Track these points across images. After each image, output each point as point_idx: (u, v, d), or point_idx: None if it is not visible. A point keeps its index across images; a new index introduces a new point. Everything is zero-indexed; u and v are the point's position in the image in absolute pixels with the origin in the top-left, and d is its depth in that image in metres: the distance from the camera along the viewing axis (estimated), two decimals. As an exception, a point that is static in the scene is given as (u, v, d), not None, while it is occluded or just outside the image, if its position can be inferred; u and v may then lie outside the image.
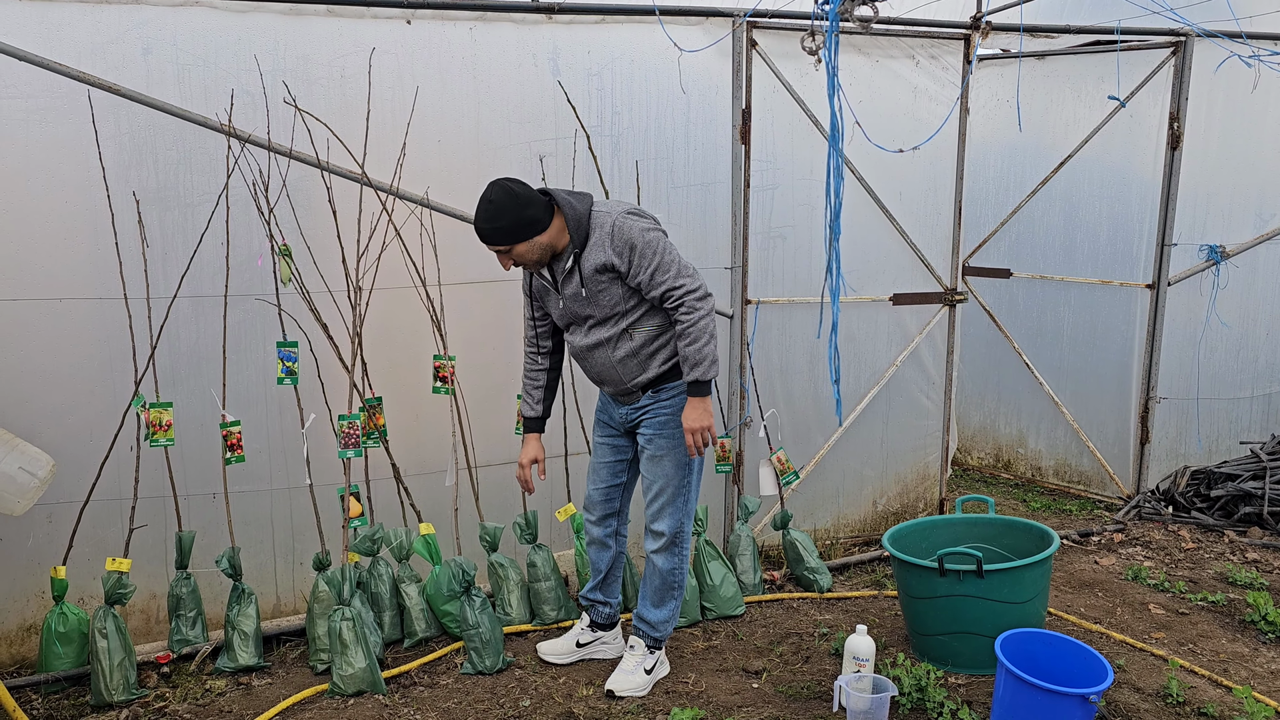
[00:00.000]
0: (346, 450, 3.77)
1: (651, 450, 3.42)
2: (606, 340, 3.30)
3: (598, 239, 3.20)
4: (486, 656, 3.65)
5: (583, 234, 3.21)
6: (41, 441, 3.49)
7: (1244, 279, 5.46)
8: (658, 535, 3.48)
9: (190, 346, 3.79)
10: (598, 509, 3.63)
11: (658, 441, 3.40)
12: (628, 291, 3.26)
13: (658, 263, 3.18)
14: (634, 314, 3.29)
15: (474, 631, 3.66)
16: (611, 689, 3.47)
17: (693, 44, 4.20)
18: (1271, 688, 3.52)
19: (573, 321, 3.37)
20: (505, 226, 3.13)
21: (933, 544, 3.93)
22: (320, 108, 3.76)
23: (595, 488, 3.63)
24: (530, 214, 3.14)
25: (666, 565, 3.51)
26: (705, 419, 3.25)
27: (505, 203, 3.12)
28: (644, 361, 3.33)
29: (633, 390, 3.38)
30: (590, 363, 3.40)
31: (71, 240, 3.60)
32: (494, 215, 3.13)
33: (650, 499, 3.47)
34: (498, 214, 3.13)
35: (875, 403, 4.89)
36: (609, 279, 3.23)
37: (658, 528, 3.47)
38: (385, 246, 3.89)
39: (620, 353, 3.31)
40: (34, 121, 3.49)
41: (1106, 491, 5.66)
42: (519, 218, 3.13)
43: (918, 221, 4.81)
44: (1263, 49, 4.95)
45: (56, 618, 3.55)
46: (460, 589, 3.70)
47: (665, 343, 3.34)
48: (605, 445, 3.59)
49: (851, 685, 3.24)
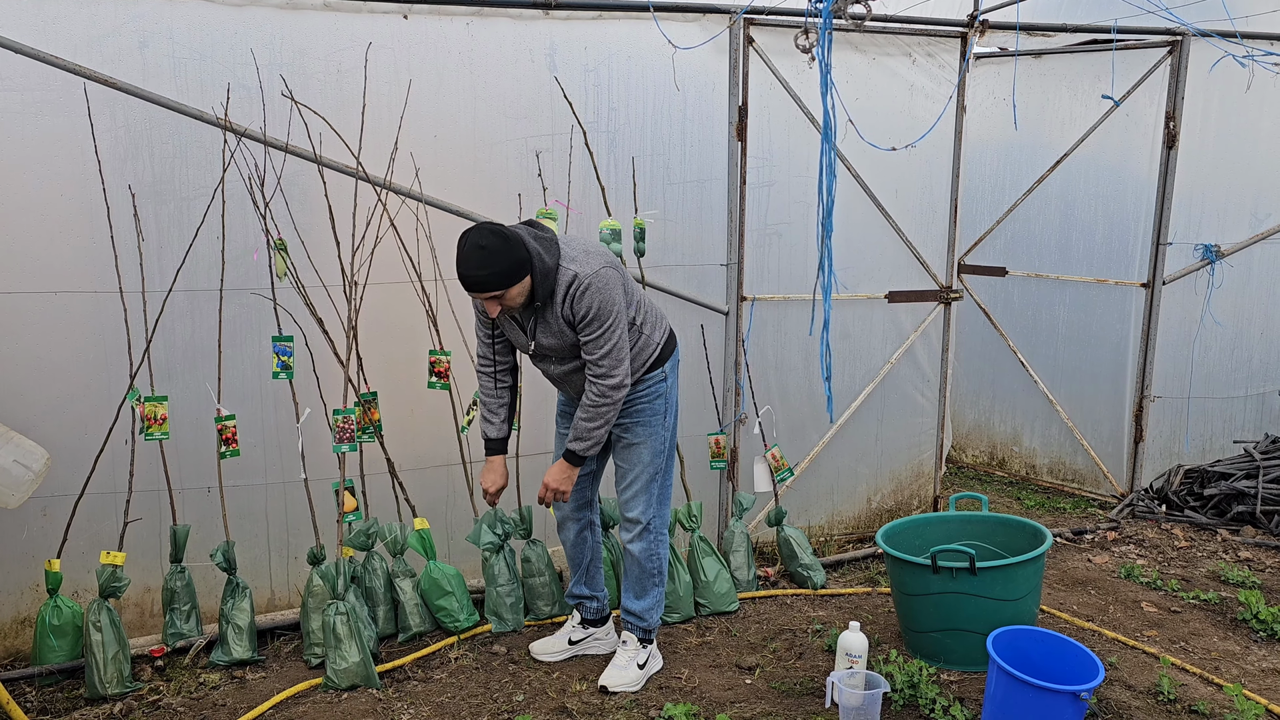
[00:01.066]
0: (341, 445, 3.78)
1: (628, 439, 3.43)
2: (579, 369, 3.31)
3: (560, 297, 3.14)
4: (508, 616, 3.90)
5: (547, 288, 3.12)
6: (37, 435, 3.49)
7: (1239, 278, 5.47)
8: (632, 523, 3.49)
9: (186, 340, 3.79)
10: (570, 501, 3.61)
11: (634, 430, 3.42)
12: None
13: (598, 336, 3.16)
14: None
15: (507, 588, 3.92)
16: (605, 684, 3.48)
17: (689, 40, 4.20)
18: (1262, 686, 3.53)
19: (543, 356, 3.36)
20: (502, 270, 3.00)
21: (926, 541, 3.94)
22: (317, 102, 3.76)
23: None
24: (520, 255, 3.03)
25: (643, 552, 3.51)
26: (565, 484, 3.37)
27: (498, 247, 2.99)
28: None
29: None
30: (565, 385, 3.46)
31: (67, 233, 3.59)
32: (487, 261, 2.98)
33: (624, 487, 3.48)
34: (490, 259, 2.98)
35: (870, 400, 4.90)
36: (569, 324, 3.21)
37: (631, 515, 3.48)
38: (379, 241, 3.89)
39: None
40: (30, 114, 3.49)
41: (1101, 490, 5.68)
42: (513, 260, 3.01)
43: (913, 219, 4.81)
44: (1258, 49, 4.96)
45: (51, 611, 3.55)
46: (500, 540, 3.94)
47: (635, 352, 3.33)
48: None
49: (845, 682, 3.25)
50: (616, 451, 3.50)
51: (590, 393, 3.23)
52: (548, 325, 3.22)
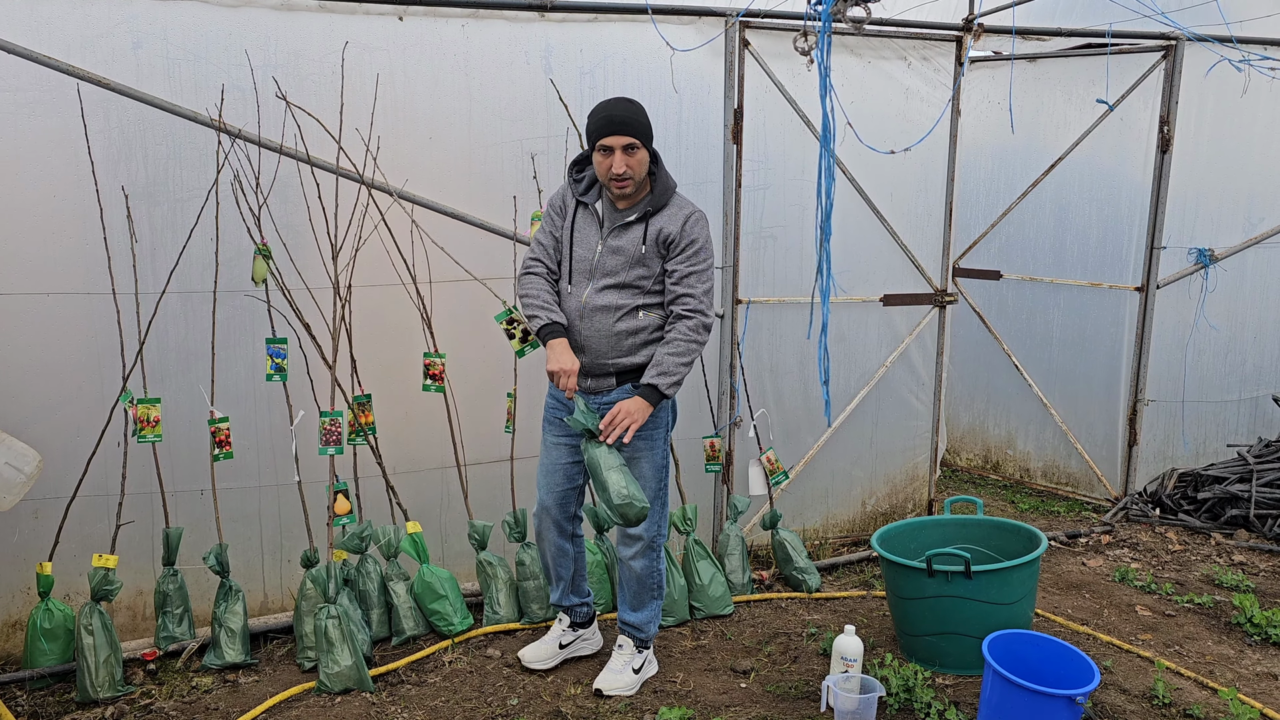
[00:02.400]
0: (327, 447, 3.76)
1: (629, 452, 3.32)
2: (615, 307, 3.24)
3: (674, 214, 3.25)
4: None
5: (663, 200, 3.26)
6: (28, 437, 3.47)
7: (1232, 282, 5.48)
8: (634, 539, 3.43)
9: (179, 342, 3.77)
10: (553, 513, 3.50)
11: (635, 444, 3.31)
12: (659, 275, 3.27)
13: (702, 270, 3.25)
14: (652, 298, 3.29)
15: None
16: (600, 688, 3.47)
17: (685, 43, 4.19)
18: (1257, 689, 3.54)
19: (594, 273, 3.27)
20: (646, 123, 3.19)
21: (921, 545, 3.94)
22: (311, 104, 3.75)
23: (550, 493, 3.48)
24: (651, 128, 3.23)
25: (644, 569, 3.48)
26: (640, 417, 3.17)
27: (640, 107, 3.21)
28: (635, 346, 3.28)
29: (608, 372, 3.29)
30: (587, 323, 3.26)
31: (60, 235, 3.58)
32: (637, 110, 3.19)
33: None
34: (640, 110, 3.20)
35: (865, 403, 4.90)
36: (658, 254, 3.25)
37: (634, 531, 3.40)
38: (363, 242, 3.86)
39: (621, 326, 3.25)
40: (22, 115, 3.47)
41: (1095, 493, 5.69)
42: (650, 124, 3.22)
43: (909, 222, 4.82)
44: (1252, 53, 4.97)
45: (42, 614, 3.53)
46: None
47: (657, 339, 3.31)
48: (563, 447, 3.43)
49: (839, 685, 3.24)
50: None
51: (682, 328, 3.22)
52: (626, 239, 3.25)
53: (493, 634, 3.93)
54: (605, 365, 3.29)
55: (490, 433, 4.19)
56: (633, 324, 3.26)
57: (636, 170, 3.18)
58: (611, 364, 3.28)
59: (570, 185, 3.37)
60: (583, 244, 3.31)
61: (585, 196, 3.32)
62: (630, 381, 3.30)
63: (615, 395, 3.31)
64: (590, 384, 3.34)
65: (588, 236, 3.31)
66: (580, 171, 3.36)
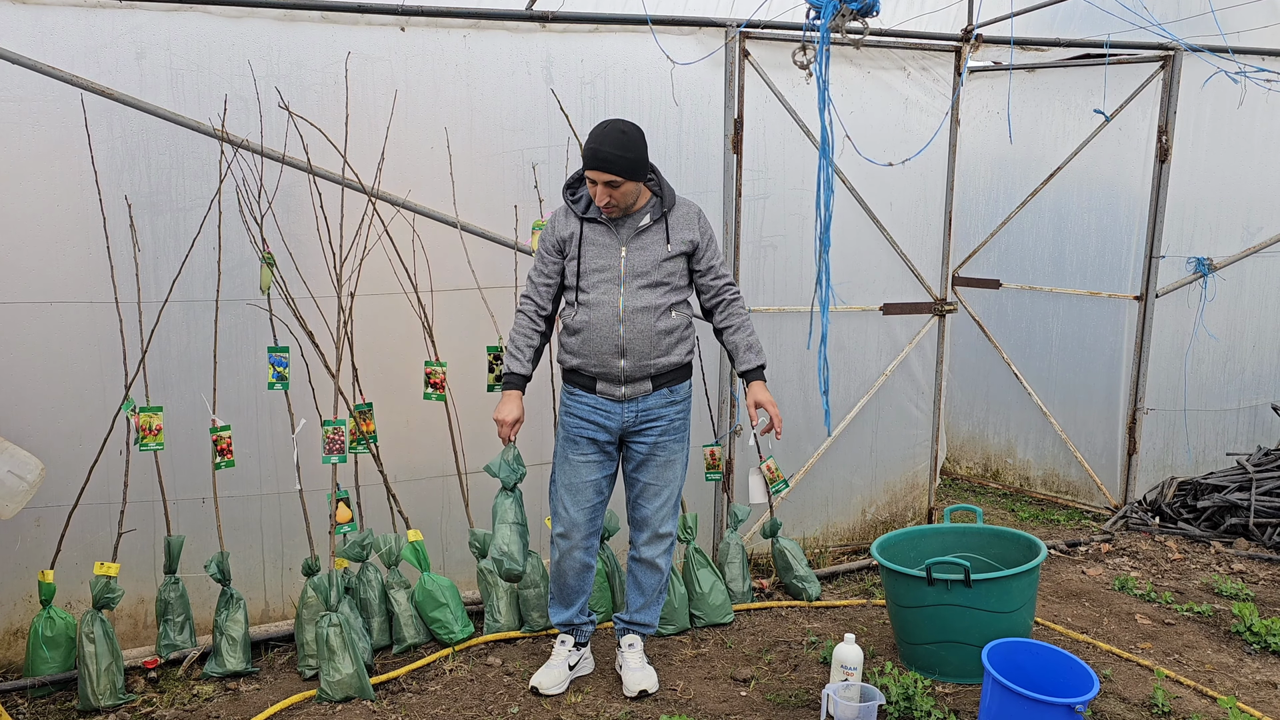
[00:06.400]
0: (330, 456, 3.76)
1: (665, 455, 3.47)
2: (654, 307, 3.33)
3: (685, 213, 3.41)
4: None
5: (671, 200, 3.39)
6: (31, 445, 3.48)
7: (1231, 291, 5.50)
8: (663, 538, 3.56)
9: (181, 351, 3.78)
10: (583, 530, 3.50)
11: (670, 446, 3.47)
12: (684, 271, 3.43)
13: (721, 257, 3.53)
14: (680, 295, 3.42)
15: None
16: (645, 689, 3.51)
17: (686, 54, 4.22)
18: (1256, 698, 3.54)
19: (626, 278, 3.31)
20: (634, 160, 3.21)
21: (921, 553, 3.95)
22: (314, 114, 3.77)
23: (580, 509, 3.48)
24: (646, 157, 3.28)
25: (668, 565, 3.64)
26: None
27: (636, 138, 3.22)
28: (673, 344, 3.39)
29: (646, 375, 3.37)
30: (628, 326, 3.29)
31: (63, 244, 3.59)
32: (626, 146, 3.19)
33: (660, 505, 3.50)
34: (630, 145, 3.20)
35: (865, 412, 4.91)
36: (682, 254, 3.39)
37: (665, 530, 3.55)
38: (367, 251, 3.88)
39: (661, 325, 3.34)
40: (26, 125, 3.49)
41: (1094, 502, 5.69)
42: (641, 156, 3.24)
43: (908, 232, 4.83)
44: (1249, 65, 5.00)
45: (44, 622, 3.54)
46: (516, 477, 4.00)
47: (687, 336, 3.46)
48: (592, 464, 3.46)
49: (839, 694, 3.25)
50: (649, 470, 3.48)
51: (737, 309, 3.51)
52: (649, 239, 3.35)
53: (493, 642, 3.94)
54: (646, 368, 3.36)
55: (491, 442, 4.18)
56: (668, 323, 3.37)
57: (620, 200, 3.27)
58: (652, 364, 3.37)
59: (569, 207, 3.41)
60: (601, 256, 3.35)
61: (589, 213, 3.37)
62: (665, 386, 3.42)
63: (652, 400, 3.40)
64: (625, 391, 3.38)
65: (606, 247, 3.35)
66: (575, 193, 3.41)
